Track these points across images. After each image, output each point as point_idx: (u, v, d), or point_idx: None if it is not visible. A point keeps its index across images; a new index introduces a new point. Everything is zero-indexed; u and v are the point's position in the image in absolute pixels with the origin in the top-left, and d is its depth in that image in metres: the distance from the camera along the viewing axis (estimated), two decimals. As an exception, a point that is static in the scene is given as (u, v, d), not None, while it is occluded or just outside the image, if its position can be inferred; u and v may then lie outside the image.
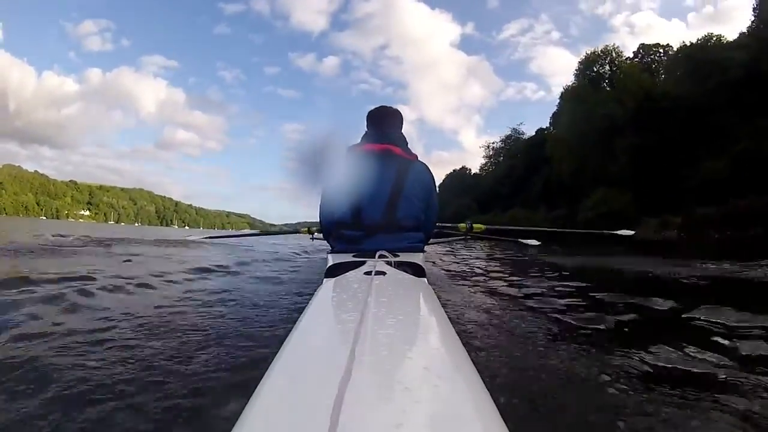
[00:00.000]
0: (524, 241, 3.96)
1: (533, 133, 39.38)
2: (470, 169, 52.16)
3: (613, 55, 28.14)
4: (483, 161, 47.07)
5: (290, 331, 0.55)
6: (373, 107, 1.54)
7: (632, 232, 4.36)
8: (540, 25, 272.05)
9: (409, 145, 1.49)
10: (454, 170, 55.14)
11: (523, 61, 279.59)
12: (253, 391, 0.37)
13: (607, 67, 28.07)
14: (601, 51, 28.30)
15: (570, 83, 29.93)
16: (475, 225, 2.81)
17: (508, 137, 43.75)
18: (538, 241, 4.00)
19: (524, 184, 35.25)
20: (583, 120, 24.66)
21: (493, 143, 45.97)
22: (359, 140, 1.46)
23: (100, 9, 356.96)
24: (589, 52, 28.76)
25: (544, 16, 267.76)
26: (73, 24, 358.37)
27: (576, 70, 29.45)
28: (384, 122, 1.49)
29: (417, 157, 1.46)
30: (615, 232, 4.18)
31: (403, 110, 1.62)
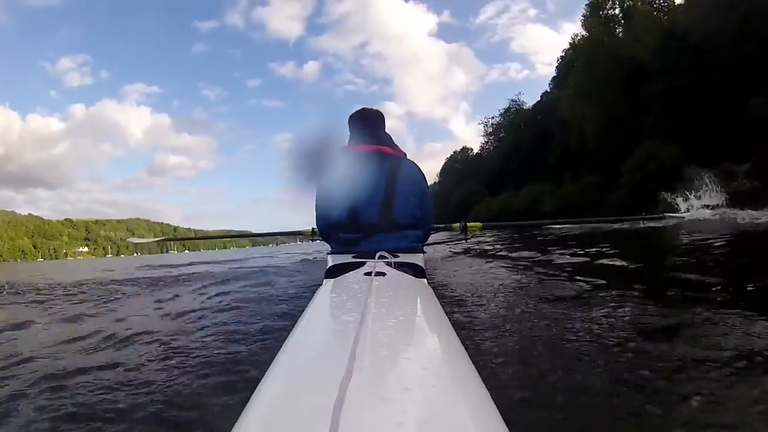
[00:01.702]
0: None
1: (538, 99, 35.78)
2: (471, 149, 48.30)
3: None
4: (483, 140, 43.49)
5: (290, 331, 0.54)
6: (360, 107, 1.56)
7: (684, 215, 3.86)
8: (516, 5, 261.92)
9: (400, 141, 1.52)
10: (454, 152, 51.28)
11: (503, 43, 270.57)
12: (253, 391, 0.37)
13: (618, 9, 24.36)
14: (610, -12, 24.46)
15: (579, 33, 26.26)
16: (469, 224, 2.83)
17: (507, 110, 40.10)
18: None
19: (535, 157, 31.64)
20: (604, 69, 21.02)
21: (492, 118, 42.37)
22: (346, 143, 1.47)
23: (75, 44, 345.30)
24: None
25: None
26: (51, 63, 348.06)
27: (582, 16, 25.73)
28: (371, 123, 1.48)
29: (406, 155, 1.48)
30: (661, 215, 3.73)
31: (391, 106, 1.30)
